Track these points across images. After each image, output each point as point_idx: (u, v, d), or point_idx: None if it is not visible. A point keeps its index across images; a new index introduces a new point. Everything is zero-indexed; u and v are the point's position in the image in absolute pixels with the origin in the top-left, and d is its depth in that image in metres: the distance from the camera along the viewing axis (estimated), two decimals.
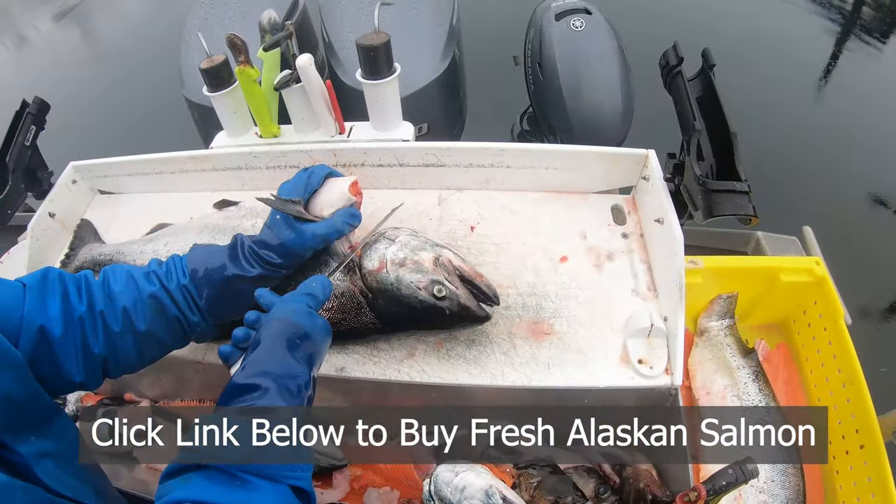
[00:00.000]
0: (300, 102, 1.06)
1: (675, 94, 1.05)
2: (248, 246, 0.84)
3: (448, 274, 0.87)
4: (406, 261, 0.87)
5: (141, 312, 0.78)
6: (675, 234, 0.95)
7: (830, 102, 2.76)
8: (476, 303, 0.86)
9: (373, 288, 0.88)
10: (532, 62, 1.62)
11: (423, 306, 0.86)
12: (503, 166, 1.06)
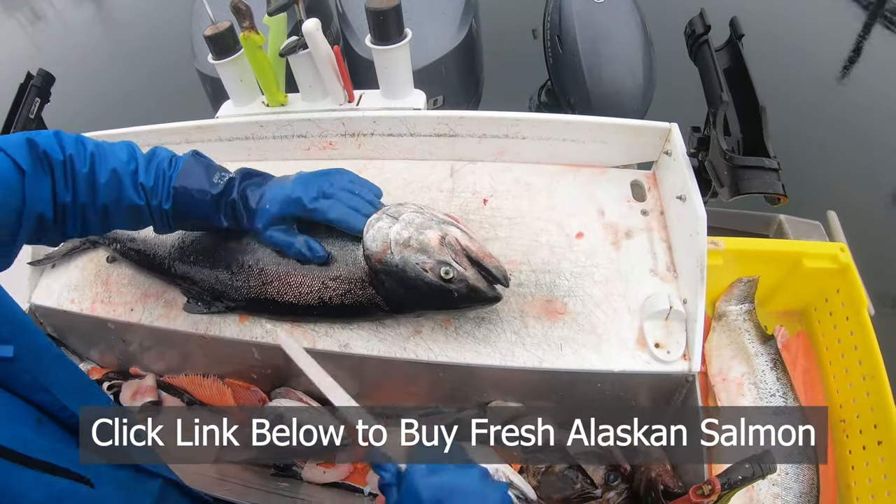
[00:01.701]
0: (307, 69, 1.01)
1: (700, 64, 0.99)
2: (232, 201, 0.87)
3: (455, 254, 0.82)
4: (411, 241, 0.82)
5: (118, 213, 0.84)
6: (698, 212, 0.90)
7: (858, 82, 2.66)
8: (486, 283, 0.82)
9: (377, 270, 0.84)
10: (551, 35, 1.56)
11: (430, 288, 0.82)
12: (518, 137, 1.01)
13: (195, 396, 1.09)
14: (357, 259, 0.87)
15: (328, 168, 0.92)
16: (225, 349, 0.98)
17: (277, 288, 0.91)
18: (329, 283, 0.88)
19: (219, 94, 1.71)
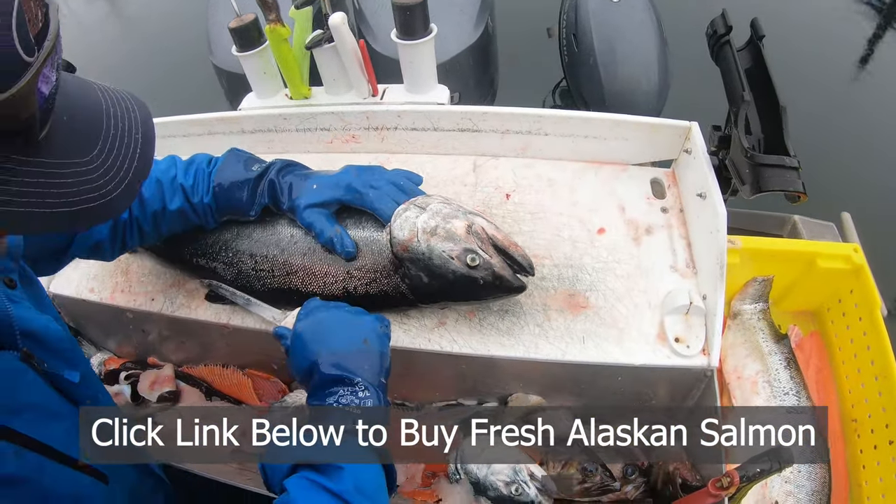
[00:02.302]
0: (332, 63, 1.02)
1: (722, 64, 1.01)
2: (272, 181, 0.90)
3: (482, 242, 0.83)
4: (437, 229, 0.83)
5: (167, 219, 0.89)
6: (718, 210, 0.91)
7: (871, 84, 2.67)
8: (511, 272, 0.83)
9: (403, 258, 0.84)
10: (567, 34, 1.57)
11: (455, 276, 0.82)
12: (541, 133, 1.02)
13: (214, 387, 1.09)
14: (382, 249, 0.87)
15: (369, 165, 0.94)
16: (247, 339, 0.98)
17: (302, 278, 0.91)
18: (354, 272, 0.89)
19: (234, 88, 1.72)
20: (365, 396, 0.69)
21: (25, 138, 0.42)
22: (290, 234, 0.92)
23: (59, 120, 0.45)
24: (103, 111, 0.50)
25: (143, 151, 0.50)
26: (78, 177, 0.45)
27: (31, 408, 0.59)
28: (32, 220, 0.43)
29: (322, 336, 0.75)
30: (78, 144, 0.47)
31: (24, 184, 0.42)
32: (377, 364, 0.73)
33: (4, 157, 0.41)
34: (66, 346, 0.67)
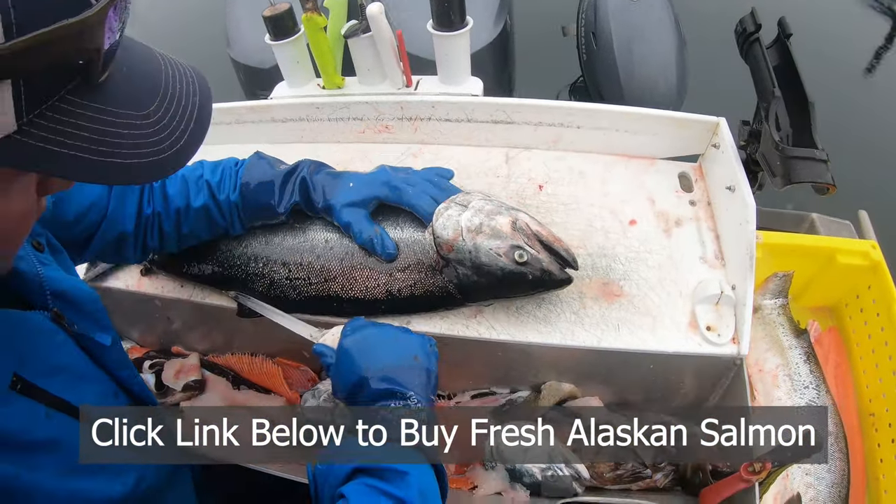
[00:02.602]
0: (367, 53, 1.03)
1: (751, 61, 1.03)
2: (303, 179, 0.89)
3: (527, 238, 0.83)
4: (482, 227, 0.83)
5: (190, 217, 0.88)
6: (748, 202, 0.93)
7: (887, 84, 2.71)
8: (558, 267, 0.84)
9: (449, 258, 0.84)
10: (586, 32, 1.59)
11: (504, 273, 0.82)
12: (573, 126, 1.04)
13: (243, 375, 1.09)
14: (425, 248, 0.87)
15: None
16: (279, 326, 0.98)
17: (341, 283, 0.90)
18: (397, 274, 0.88)
19: (252, 82, 1.72)
20: (418, 410, 0.69)
21: (85, 77, 0.41)
22: (324, 239, 0.91)
23: (119, 70, 0.44)
24: (162, 71, 0.49)
25: (199, 115, 0.50)
26: (132, 129, 0.44)
27: (63, 369, 0.59)
28: (81, 167, 0.42)
29: (371, 351, 0.74)
30: (135, 97, 0.46)
31: (78, 126, 0.41)
32: (426, 381, 0.73)
33: (60, 96, 0.40)
34: (97, 307, 0.67)
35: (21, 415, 0.52)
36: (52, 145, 0.40)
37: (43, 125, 0.39)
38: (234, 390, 1.09)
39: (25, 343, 0.55)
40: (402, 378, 0.71)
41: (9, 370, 0.51)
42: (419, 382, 0.72)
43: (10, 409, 0.51)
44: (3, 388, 0.50)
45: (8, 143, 0.38)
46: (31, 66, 0.37)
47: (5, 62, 0.35)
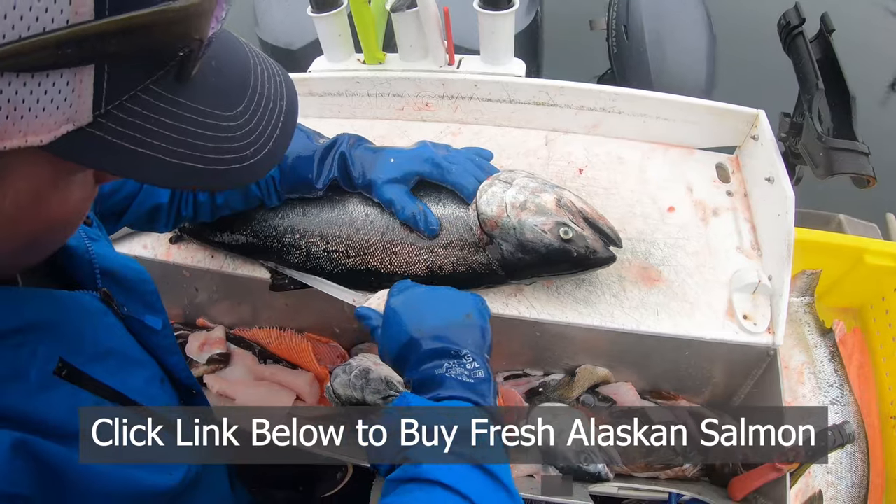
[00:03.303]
0: (411, 28, 1.02)
1: (794, 54, 1.03)
2: (342, 154, 0.86)
3: (572, 215, 0.83)
4: (527, 203, 0.82)
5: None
6: (787, 193, 0.93)
7: None
8: (602, 244, 0.83)
9: (493, 234, 0.83)
10: (617, 24, 1.60)
11: (548, 250, 0.81)
12: (615, 111, 1.03)
13: (270, 350, 1.08)
14: (469, 225, 0.86)
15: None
16: (312, 298, 0.97)
17: (381, 258, 0.88)
18: (438, 250, 0.87)
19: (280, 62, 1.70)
20: (474, 368, 0.64)
21: (178, 72, 0.36)
22: (364, 213, 0.90)
23: (208, 64, 0.39)
24: (251, 67, 0.44)
25: (285, 122, 0.45)
26: (216, 131, 0.39)
27: (112, 354, 0.55)
28: (152, 169, 0.37)
29: (421, 310, 0.70)
30: (224, 94, 0.41)
31: (159, 123, 0.36)
32: (481, 339, 0.69)
33: (145, 86, 0.34)
34: (148, 288, 0.64)
35: (65, 403, 0.48)
36: (127, 142, 0.35)
37: (121, 119, 0.34)
38: (260, 364, 1.07)
39: (74, 326, 0.51)
40: (456, 336, 0.67)
41: (55, 354, 0.48)
42: (473, 340, 0.67)
43: (53, 395, 0.47)
44: (47, 374, 0.47)
45: (78, 136, 0.33)
46: (121, 52, 0.31)
47: (91, 45, 0.30)
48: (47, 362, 0.47)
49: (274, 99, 0.44)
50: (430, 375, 0.64)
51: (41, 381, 0.46)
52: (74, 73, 0.30)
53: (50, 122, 0.31)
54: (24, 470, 0.41)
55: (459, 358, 0.65)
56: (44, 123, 0.31)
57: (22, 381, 0.45)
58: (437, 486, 0.51)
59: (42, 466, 0.43)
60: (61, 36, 0.28)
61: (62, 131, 0.32)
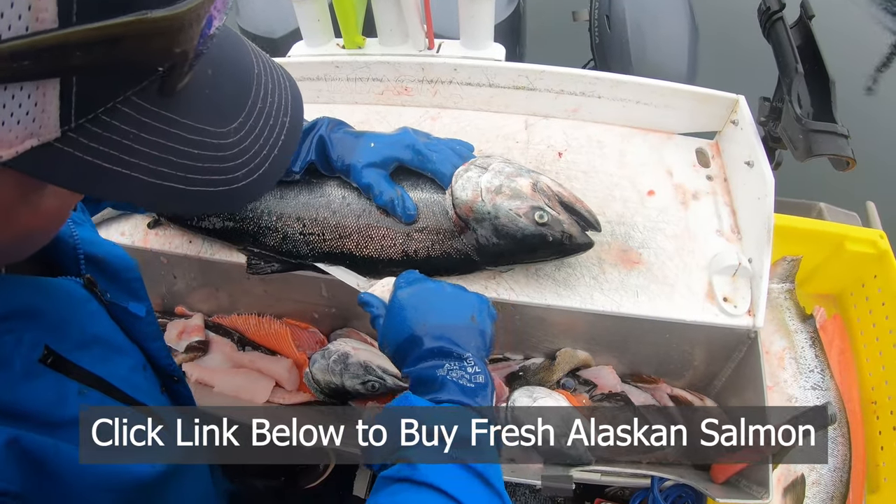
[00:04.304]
0: (391, 12, 1.02)
1: (774, 39, 1.03)
2: (321, 137, 0.85)
3: (548, 199, 0.82)
4: (502, 188, 0.81)
5: None
6: (767, 177, 0.93)
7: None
8: (579, 229, 0.82)
9: (468, 219, 0.83)
10: (600, 14, 1.60)
11: (524, 234, 0.81)
12: (594, 96, 1.03)
13: (248, 336, 1.07)
14: (444, 210, 0.85)
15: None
16: (290, 284, 0.97)
17: (356, 241, 0.88)
18: (414, 234, 0.86)
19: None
20: (475, 372, 0.64)
21: (161, 85, 0.32)
22: (341, 196, 0.89)
23: (203, 73, 0.35)
24: (254, 77, 0.40)
25: (286, 141, 0.41)
26: (204, 149, 0.35)
27: (97, 341, 0.55)
28: (133, 189, 0.33)
29: (427, 307, 0.69)
30: (217, 110, 0.37)
31: (140, 140, 0.32)
32: (483, 342, 0.69)
33: (125, 98, 0.31)
34: (132, 275, 0.63)
35: (51, 391, 0.47)
36: (101, 159, 0.31)
37: (95, 133, 0.30)
38: (239, 351, 1.06)
39: (58, 313, 0.50)
40: (459, 337, 0.66)
41: (40, 342, 0.47)
42: (475, 343, 0.67)
43: (39, 384, 0.46)
44: (32, 362, 0.46)
45: (44, 152, 0.29)
46: (88, 66, 0.28)
47: (51, 57, 0.26)
48: (32, 350, 0.46)
49: (276, 115, 0.40)
50: (430, 375, 0.64)
51: (26, 368, 0.46)
52: (36, 87, 0.27)
53: (10, 137, 0.28)
54: (16, 467, 0.41)
55: (461, 360, 0.64)
56: (3, 138, 0.28)
57: (6, 369, 0.44)
58: (429, 488, 0.51)
59: (31, 462, 0.42)
60: (15, 47, 0.25)
61: (25, 147, 0.28)
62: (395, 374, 0.97)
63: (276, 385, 1.02)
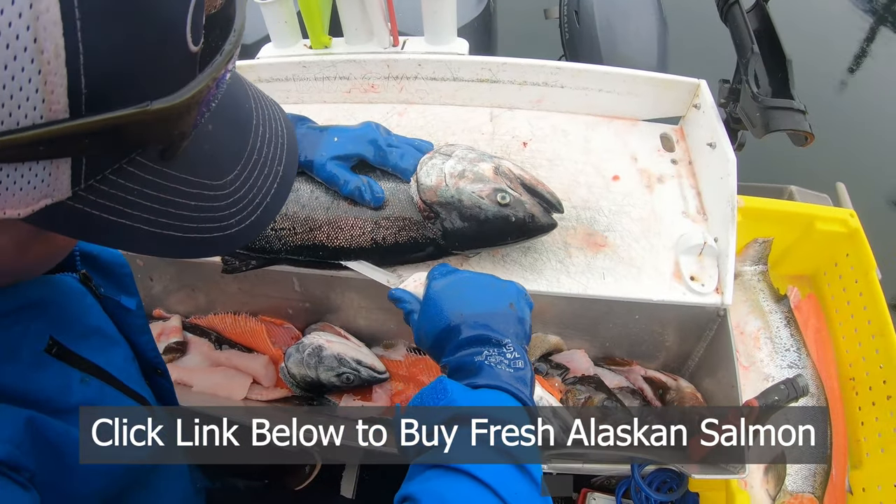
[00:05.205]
0: (356, 11, 1.04)
1: (731, 23, 1.06)
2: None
3: (510, 182, 0.84)
4: (465, 173, 0.84)
5: None
6: (728, 156, 0.95)
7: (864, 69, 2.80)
8: (541, 209, 0.84)
9: (433, 203, 0.84)
10: (569, 10, 1.62)
11: (486, 216, 0.82)
12: (557, 86, 1.05)
13: (225, 335, 1.08)
14: (410, 197, 0.87)
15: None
16: (263, 280, 0.98)
17: (327, 233, 0.89)
18: (382, 222, 0.88)
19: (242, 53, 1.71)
20: (514, 357, 0.62)
21: (162, 152, 0.35)
22: (310, 190, 0.90)
23: (203, 129, 0.37)
24: (252, 129, 0.42)
25: (278, 189, 0.43)
26: (202, 200, 0.38)
27: (94, 333, 0.58)
28: (136, 238, 0.36)
29: (463, 297, 0.68)
30: (216, 164, 0.39)
31: (143, 195, 0.35)
32: (522, 330, 0.68)
33: (129, 159, 0.34)
34: (124, 271, 0.65)
35: (57, 379, 0.50)
36: (107, 213, 0.34)
37: (102, 191, 0.33)
38: (217, 351, 1.07)
39: (60, 306, 0.53)
40: (497, 324, 0.65)
41: (45, 333, 0.50)
42: (514, 331, 0.66)
43: (46, 373, 0.49)
44: (38, 352, 0.49)
45: (57, 209, 0.32)
46: (98, 146, 0.31)
47: (63, 144, 0.29)
48: (38, 341, 0.49)
49: (271, 164, 0.42)
50: (468, 361, 0.62)
51: (33, 358, 0.48)
52: (50, 162, 0.30)
53: (27, 199, 0.31)
54: (32, 445, 0.44)
55: (500, 346, 0.63)
56: (21, 200, 0.31)
57: (16, 358, 0.47)
58: (464, 475, 0.50)
59: (44, 443, 0.45)
60: (31, 136, 0.28)
61: (40, 205, 0.31)
62: (369, 366, 0.98)
63: (254, 382, 1.03)
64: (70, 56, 0.27)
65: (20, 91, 0.27)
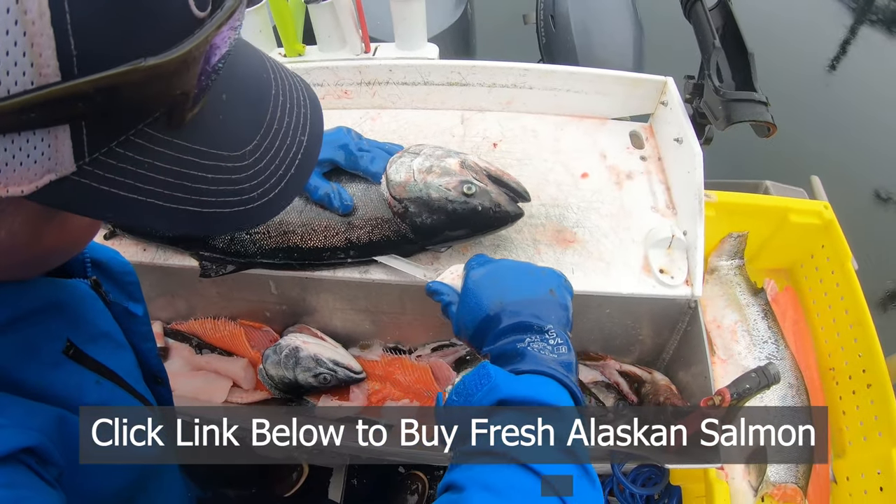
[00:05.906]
0: (328, 19, 1.06)
1: (694, 19, 1.08)
2: None
3: (476, 174, 0.86)
4: (433, 168, 0.86)
5: None
6: (695, 150, 0.97)
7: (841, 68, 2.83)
8: (507, 198, 0.86)
9: (402, 199, 0.86)
10: (545, 14, 1.65)
11: (453, 207, 0.85)
12: (526, 87, 1.07)
13: (205, 340, 1.09)
14: (381, 195, 0.89)
15: None
16: (240, 283, 0.99)
17: (301, 235, 0.91)
18: (355, 222, 0.90)
19: None
20: (557, 343, 0.61)
21: (169, 118, 0.33)
22: None
23: (216, 98, 0.36)
24: (271, 94, 0.40)
25: (303, 160, 0.41)
26: (219, 173, 0.36)
27: (105, 336, 0.59)
28: (150, 214, 0.34)
29: (503, 285, 0.67)
30: (232, 134, 0.37)
31: (154, 168, 0.33)
32: (563, 316, 0.66)
33: (137, 130, 0.32)
34: (131, 279, 0.66)
35: (74, 380, 0.52)
36: (117, 188, 0.32)
37: (110, 165, 0.32)
38: (197, 355, 1.08)
39: (75, 310, 0.54)
40: (539, 311, 0.64)
41: (63, 335, 0.51)
42: (556, 317, 0.65)
43: (64, 373, 0.51)
44: (57, 352, 0.50)
45: (62, 185, 0.31)
46: (94, 110, 0.29)
47: (56, 108, 0.28)
48: (56, 342, 0.50)
49: (293, 133, 0.41)
50: (510, 349, 0.61)
51: (52, 358, 0.50)
52: (48, 131, 0.29)
53: (29, 175, 0.29)
54: (61, 443, 0.45)
55: (542, 333, 0.62)
56: (23, 176, 0.29)
57: (37, 359, 0.48)
58: (511, 464, 0.49)
59: (68, 441, 0.47)
60: (22, 102, 0.27)
61: (44, 181, 0.30)
62: (346, 367, 0.99)
63: (234, 385, 1.04)
64: (56, 15, 0.26)
65: (7, 56, 0.26)
